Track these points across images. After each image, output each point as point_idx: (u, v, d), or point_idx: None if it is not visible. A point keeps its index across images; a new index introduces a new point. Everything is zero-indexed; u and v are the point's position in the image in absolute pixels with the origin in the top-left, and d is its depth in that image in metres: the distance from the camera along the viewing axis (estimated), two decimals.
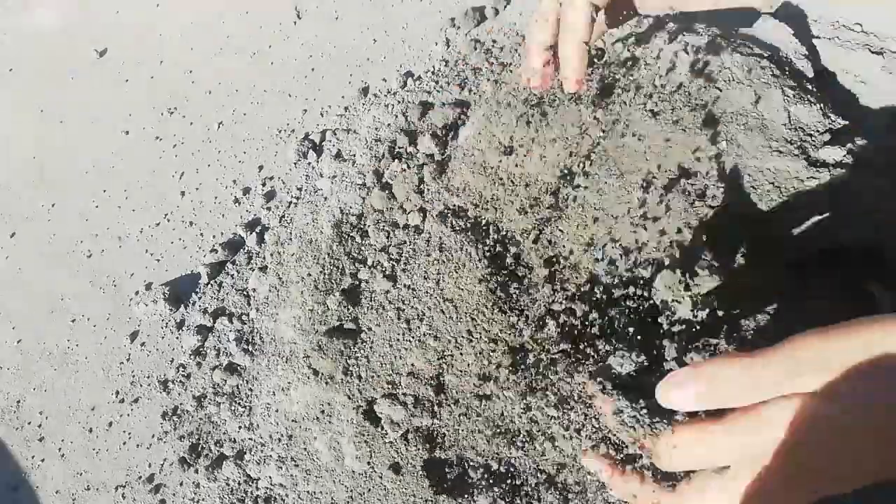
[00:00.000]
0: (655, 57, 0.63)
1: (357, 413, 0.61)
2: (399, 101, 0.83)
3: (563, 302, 0.53)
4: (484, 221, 0.65)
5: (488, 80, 0.79)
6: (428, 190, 0.72)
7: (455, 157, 0.70)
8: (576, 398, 0.49)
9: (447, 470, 0.58)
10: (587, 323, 0.51)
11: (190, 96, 0.99)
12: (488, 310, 0.60)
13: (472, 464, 0.58)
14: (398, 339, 0.63)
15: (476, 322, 0.60)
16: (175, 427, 0.72)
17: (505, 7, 0.88)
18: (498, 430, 0.57)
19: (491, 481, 0.56)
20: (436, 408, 0.60)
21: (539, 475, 0.56)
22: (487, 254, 0.63)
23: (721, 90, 0.60)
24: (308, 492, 0.63)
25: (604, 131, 0.61)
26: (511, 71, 0.78)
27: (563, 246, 0.60)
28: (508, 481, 0.56)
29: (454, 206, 0.67)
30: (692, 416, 0.37)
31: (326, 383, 0.64)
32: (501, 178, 0.65)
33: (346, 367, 0.64)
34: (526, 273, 0.61)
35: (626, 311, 0.47)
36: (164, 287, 0.81)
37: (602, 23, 0.55)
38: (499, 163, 0.65)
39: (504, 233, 0.64)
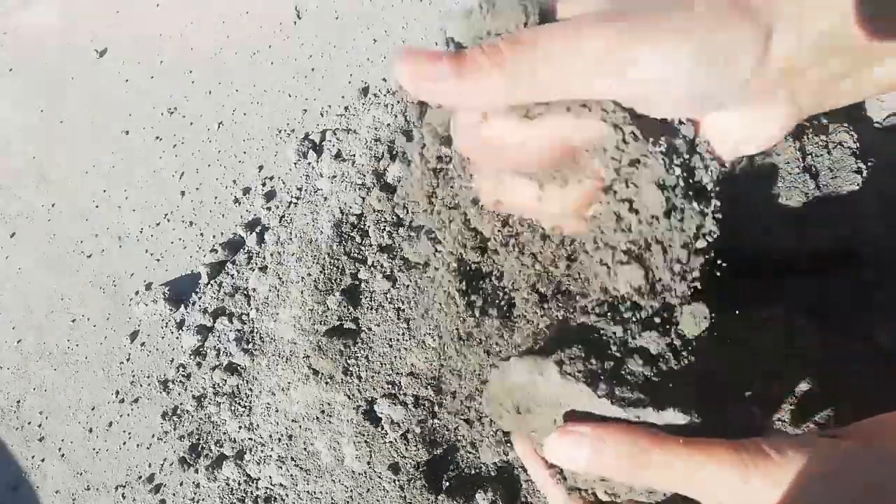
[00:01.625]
0: None
1: (357, 413, 0.61)
2: (399, 101, 0.83)
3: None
4: None
5: None
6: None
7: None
8: None
9: (446, 470, 0.58)
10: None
11: (190, 96, 0.99)
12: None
13: (471, 463, 0.58)
14: (398, 339, 0.63)
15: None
16: (175, 427, 0.72)
17: None
18: (497, 430, 0.58)
19: (490, 481, 0.56)
20: (436, 408, 0.60)
21: None
22: None
23: None
24: (308, 492, 0.63)
25: None
26: None
27: None
28: (507, 481, 0.56)
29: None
30: None
31: (326, 383, 0.64)
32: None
33: (346, 367, 0.64)
34: None
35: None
36: (164, 287, 0.81)
37: None
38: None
39: None
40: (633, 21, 0.26)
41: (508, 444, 0.57)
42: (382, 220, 0.73)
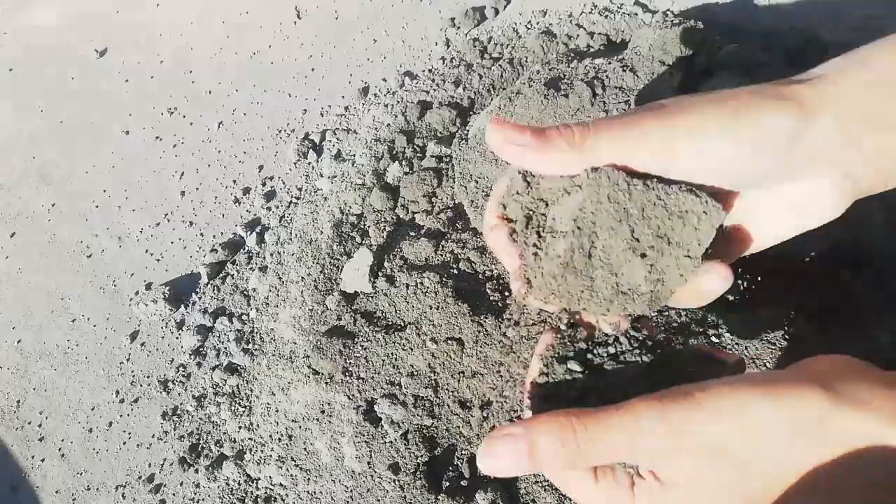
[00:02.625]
0: None
1: (357, 413, 0.61)
2: (398, 101, 0.83)
3: None
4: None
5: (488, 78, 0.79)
6: (438, 194, 0.71)
7: (468, 149, 0.69)
8: None
9: (446, 470, 0.58)
10: None
11: (190, 96, 0.99)
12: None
13: (471, 463, 0.58)
14: (398, 339, 0.63)
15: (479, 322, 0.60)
16: (175, 427, 0.72)
17: (505, 7, 0.88)
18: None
19: (490, 481, 0.56)
20: (436, 408, 0.60)
21: (539, 477, 0.56)
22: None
23: None
24: (308, 492, 0.63)
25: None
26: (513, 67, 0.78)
27: None
28: (507, 481, 0.56)
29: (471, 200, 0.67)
30: None
31: (326, 383, 0.64)
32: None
33: (346, 367, 0.64)
34: None
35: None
36: (164, 287, 0.81)
37: None
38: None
39: None
40: (672, 111, 0.31)
41: None
42: (382, 220, 0.72)
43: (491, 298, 0.62)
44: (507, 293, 0.62)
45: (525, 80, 0.67)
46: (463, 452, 0.58)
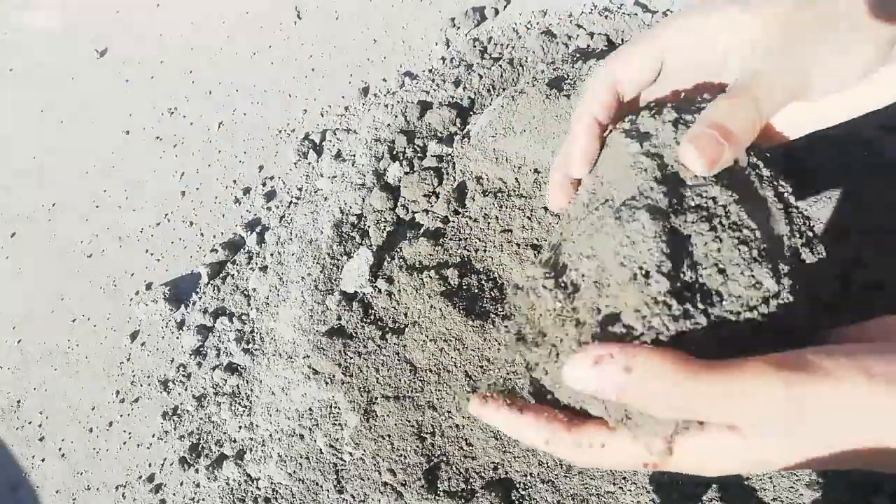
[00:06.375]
0: None
1: (357, 413, 0.61)
2: (399, 101, 0.83)
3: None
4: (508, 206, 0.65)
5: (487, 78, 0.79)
6: (438, 191, 0.71)
7: (470, 147, 0.69)
8: None
9: (446, 471, 0.58)
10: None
11: (190, 96, 0.99)
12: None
13: (469, 465, 0.58)
14: (398, 339, 0.63)
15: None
16: (175, 427, 0.72)
17: (505, 7, 0.88)
18: (498, 433, 0.58)
19: (488, 483, 0.56)
20: (436, 407, 0.60)
21: (538, 477, 0.56)
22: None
23: None
24: (307, 491, 0.63)
25: None
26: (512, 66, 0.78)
27: None
28: (505, 483, 0.56)
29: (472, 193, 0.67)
30: None
31: (326, 383, 0.64)
32: (517, 165, 0.65)
33: (346, 367, 0.64)
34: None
35: None
36: (164, 287, 0.81)
37: None
38: (515, 151, 0.65)
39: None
40: None
41: (507, 446, 0.57)
42: (382, 220, 0.73)
43: (490, 298, 0.62)
44: (506, 293, 0.62)
45: (529, 80, 0.67)
46: (462, 454, 0.59)
